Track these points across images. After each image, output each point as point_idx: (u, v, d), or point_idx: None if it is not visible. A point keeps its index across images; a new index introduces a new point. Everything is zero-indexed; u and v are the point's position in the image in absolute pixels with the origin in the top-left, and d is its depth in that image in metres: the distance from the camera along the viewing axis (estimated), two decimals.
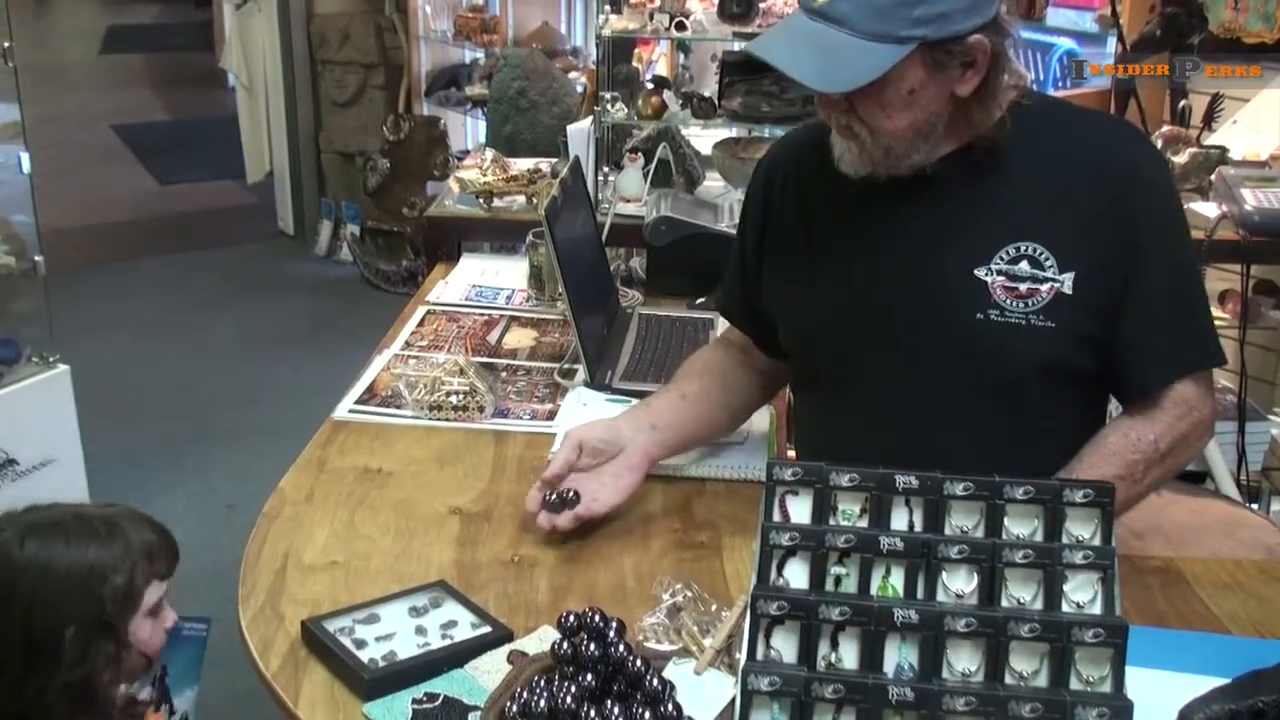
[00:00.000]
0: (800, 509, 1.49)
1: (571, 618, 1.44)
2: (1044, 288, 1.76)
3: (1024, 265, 1.76)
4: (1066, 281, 1.76)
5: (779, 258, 1.99)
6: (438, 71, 6.52)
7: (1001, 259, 1.77)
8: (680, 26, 3.34)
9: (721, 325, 2.62)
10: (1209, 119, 3.38)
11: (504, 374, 2.47)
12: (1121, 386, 1.85)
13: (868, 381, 1.90)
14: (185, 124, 9.49)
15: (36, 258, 3.67)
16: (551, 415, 2.30)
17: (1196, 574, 1.83)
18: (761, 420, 2.27)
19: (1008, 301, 1.77)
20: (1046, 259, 1.76)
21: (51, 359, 3.64)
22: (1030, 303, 1.76)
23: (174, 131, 9.33)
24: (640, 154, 3.21)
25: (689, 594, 1.66)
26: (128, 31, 12.11)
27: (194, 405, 5.04)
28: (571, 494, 1.86)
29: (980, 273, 1.77)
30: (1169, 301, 1.79)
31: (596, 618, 1.42)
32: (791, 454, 2.53)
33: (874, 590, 1.43)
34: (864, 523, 1.47)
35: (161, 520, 1.84)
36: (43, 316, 3.69)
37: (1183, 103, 3.39)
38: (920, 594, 1.42)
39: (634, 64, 4.25)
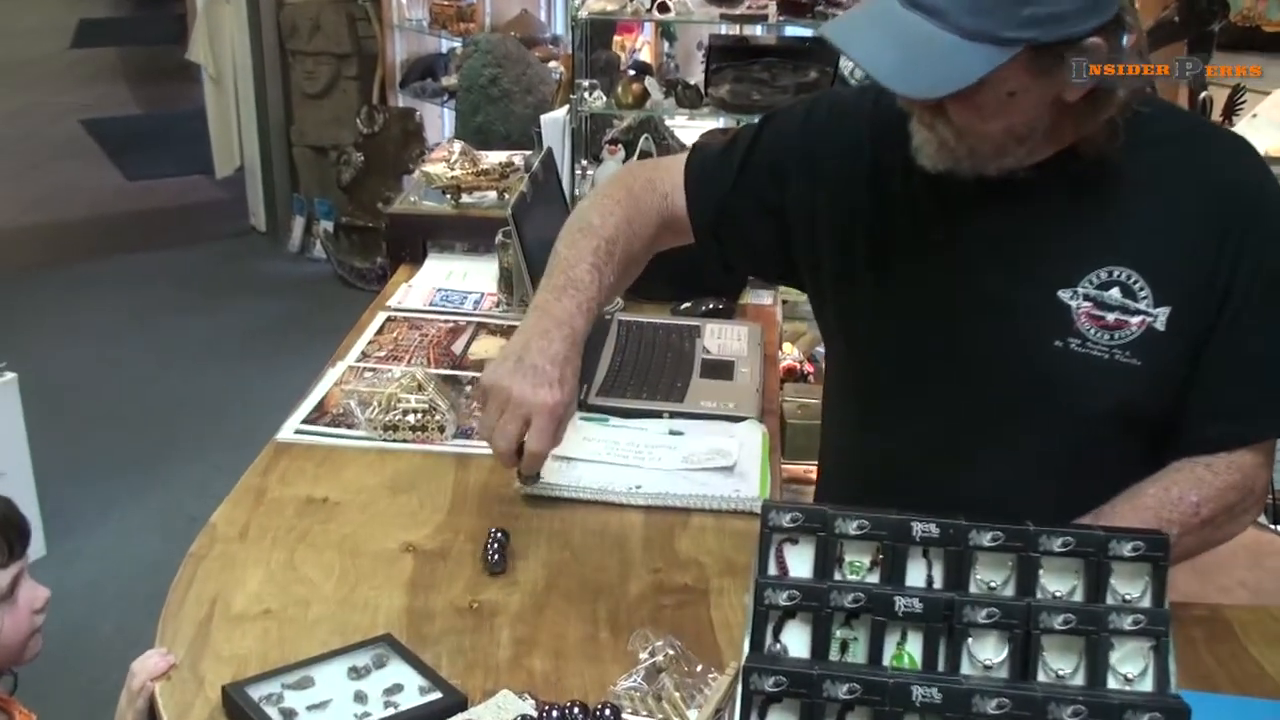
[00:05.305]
0: (800, 561, 1.28)
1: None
2: (1134, 320, 1.55)
3: (1115, 292, 1.55)
4: (1161, 317, 1.55)
5: (830, 226, 1.74)
6: (413, 61, 6.42)
7: (1090, 282, 1.56)
8: (663, 8, 3.15)
9: (710, 331, 2.45)
10: (1229, 112, 3.19)
11: (469, 388, 2.26)
12: (1178, 435, 1.62)
13: (921, 399, 1.69)
14: (156, 118, 9.35)
15: None
16: None
17: (1245, 624, 1.63)
18: (753, 440, 2.06)
19: (1092, 331, 1.56)
20: (1141, 288, 1.55)
21: None
22: (1117, 335, 1.55)
23: (144, 126, 9.19)
24: (620, 146, 3.05)
25: (670, 652, 1.47)
26: (100, 25, 11.95)
27: (158, 414, 4.86)
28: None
29: (1065, 295, 1.57)
30: (1257, 356, 1.58)
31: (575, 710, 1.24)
32: (788, 468, 2.34)
33: (887, 660, 1.23)
34: (875, 578, 1.26)
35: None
36: None
37: (1203, 94, 3.18)
38: (942, 665, 1.22)
39: (614, 51, 4.07)
